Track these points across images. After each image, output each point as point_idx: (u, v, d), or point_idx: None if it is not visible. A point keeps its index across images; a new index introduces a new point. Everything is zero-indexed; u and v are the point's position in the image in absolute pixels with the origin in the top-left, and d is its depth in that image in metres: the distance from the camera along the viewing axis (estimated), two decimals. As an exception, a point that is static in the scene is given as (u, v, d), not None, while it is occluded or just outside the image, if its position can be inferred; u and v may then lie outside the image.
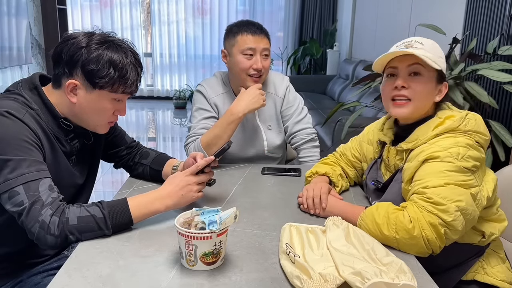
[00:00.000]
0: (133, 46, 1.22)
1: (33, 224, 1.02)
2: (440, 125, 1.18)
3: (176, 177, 1.19)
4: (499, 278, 1.22)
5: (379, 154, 1.38)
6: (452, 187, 1.07)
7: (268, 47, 1.73)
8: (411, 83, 1.20)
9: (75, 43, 1.13)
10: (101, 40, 1.15)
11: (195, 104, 1.83)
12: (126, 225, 1.12)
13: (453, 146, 1.12)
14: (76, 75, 1.14)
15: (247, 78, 1.73)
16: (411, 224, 1.05)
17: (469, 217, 1.09)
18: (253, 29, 1.71)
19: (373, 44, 5.05)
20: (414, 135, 1.22)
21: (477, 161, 1.13)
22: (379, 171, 1.36)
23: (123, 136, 1.51)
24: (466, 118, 1.17)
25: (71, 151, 1.25)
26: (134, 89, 1.20)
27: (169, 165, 1.45)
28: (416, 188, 1.11)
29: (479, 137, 1.16)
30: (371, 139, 1.43)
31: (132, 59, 1.18)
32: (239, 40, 1.70)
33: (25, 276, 1.24)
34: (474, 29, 2.87)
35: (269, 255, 1.04)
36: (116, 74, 1.14)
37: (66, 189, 1.17)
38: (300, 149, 1.88)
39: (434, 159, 1.12)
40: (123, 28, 7.18)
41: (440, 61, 1.19)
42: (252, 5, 7.15)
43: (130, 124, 5.98)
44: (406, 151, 1.23)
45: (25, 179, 1.04)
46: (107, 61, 1.13)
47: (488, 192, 1.17)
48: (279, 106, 1.87)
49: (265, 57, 1.73)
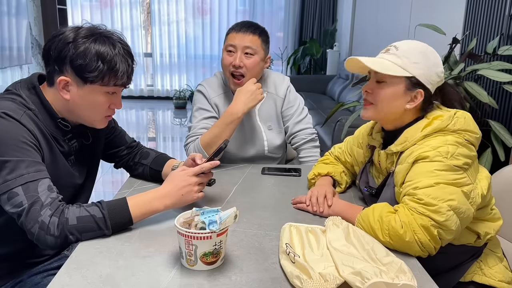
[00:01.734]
0: (122, 37, 1.19)
1: (32, 225, 1.02)
2: (428, 125, 1.17)
3: (178, 177, 1.18)
4: (497, 279, 1.22)
5: (369, 158, 1.38)
6: (442, 186, 1.07)
7: (252, 46, 1.68)
8: (375, 89, 1.22)
9: (62, 39, 1.12)
10: (88, 33, 1.13)
11: (196, 104, 1.83)
12: (125, 225, 1.12)
13: (442, 145, 1.11)
14: (66, 71, 1.13)
15: (229, 78, 1.73)
16: (402, 230, 1.04)
17: (463, 215, 1.08)
18: (240, 26, 1.71)
19: (373, 44, 5.05)
20: (403, 137, 1.20)
21: (468, 159, 1.12)
22: (369, 175, 1.36)
23: (123, 136, 1.51)
24: (455, 117, 1.16)
25: (70, 151, 1.24)
26: (126, 81, 1.18)
27: (169, 166, 1.45)
28: (406, 190, 1.11)
29: (469, 135, 1.15)
30: (361, 142, 1.42)
31: (121, 50, 1.15)
32: (227, 38, 1.73)
33: (25, 276, 1.24)
34: (474, 29, 2.87)
35: (269, 255, 1.04)
36: (105, 66, 1.12)
37: (65, 189, 1.16)
38: (301, 149, 1.88)
39: (424, 159, 1.11)
40: (123, 28, 7.18)
41: (413, 67, 1.16)
42: (252, 5, 7.15)
43: (130, 124, 5.97)
44: (396, 154, 1.22)
45: (24, 180, 1.03)
46: (94, 54, 1.11)
47: (483, 190, 1.16)
48: (280, 106, 1.87)
49: (249, 55, 1.69)
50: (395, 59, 1.18)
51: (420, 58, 1.17)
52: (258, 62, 1.71)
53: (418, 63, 1.16)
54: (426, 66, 1.17)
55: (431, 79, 1.18)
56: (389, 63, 1.18)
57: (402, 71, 1.16)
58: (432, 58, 1.18)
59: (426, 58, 1.17)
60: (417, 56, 1.17)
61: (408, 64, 1.16)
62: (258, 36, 1.71)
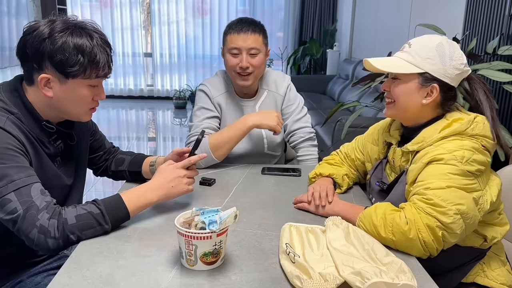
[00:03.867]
0: (96, 26, 1.16)
1: (30, 230, 1.01)
2: (447, 127, 1.17)
3: (167, 170, 1.21)
4: (499, 282, 1.21)
5: (385, 155, 1.38)
6: (454, 190, 1.07)
7: (255, 45, 1.71)
8: (392, 87, 1.24)
9: (37, 35, 1.08)
10: (63, 27, 1.09)
11: (198, 103, 1.84)
12: (123, 219, 1.13)
13: (458, 149, 1.11)
14: (46, 68, 1.10)
15: (235, 76, 1.76)
16: (407, 226, 1.04)
17: (470, 221, 1.08)
18: (240, 27, 1.71)
19: (373, 44, 5.05)
20: (420, 136, 1.20)
21: (481, 165, 1.12)
22: (384, 171, 1.36)
23: (103, 141, 1.50)
24: (474, 121, 1.16)
25: (55, 152, 1.22)
26: (108, 71, 1.16)
27: (147, 164, 1.47)
28: (417, 189, 1.11)
29: (486, 141, 1.15)
30: (376, 139, 1.42)
31: (99, 41, 1.12)
32: (228, 39, 1.74)
33: (25, 276, 1.24)
34: (474, 29, 2.87)
35: (269, 255, 1.04)
36: (86, 59, 1.10)
37: (54, 191, 1.14)
38: (299, 148, 1.89)
39: (438, 161, 1.11)
40: (123, 28, 7.18)
41: (425, 63, 1.17)
42: (252, 5, 7.15)
43: (130, 124, 5.98)
44: (412, 153, 1.22)
45: (15, 186, 1.02)
46: (73, 48, 1.08)
47: (492, 197, 1.16)
48: (280, 104, 1.89)
49: (253, 55, 1.72)
50: (407, 57, 1.19)
51: (433, 53, 1.17)
52: (263, 60, 1.76)
53: (430, 59, 1.17)
54: (440, 60, 1.17)
55: (447, 73, 1.17)
56: (400, 61, 1.20)
57: (413, 68, 1.18)
58: (447, 52, 1.17)
59: (440, 52, 1.17)
60: (430, 51, 1.17)
61: (419, 61, 1.17)
62: (259, 34, 1.73)
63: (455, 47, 1.19)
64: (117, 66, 7.21)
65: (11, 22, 4.19)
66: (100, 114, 6.27)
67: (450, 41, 1.20)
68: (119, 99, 7.31)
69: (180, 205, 1.31)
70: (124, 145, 4.89)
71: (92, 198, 1.13)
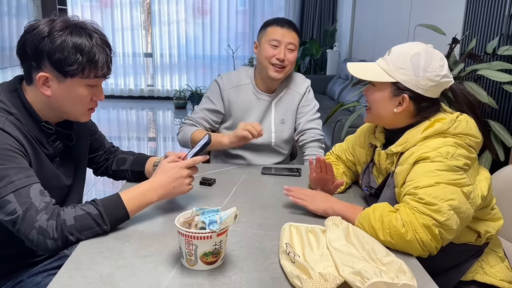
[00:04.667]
0: (97, 26, 1.16)
1: (30, 231, 1.01)
2: (429, 127, 1.18)
3: (170, 169, 1.20)
4: (498, 278, 1.22)
5: (371, 158, 1.38)
6: (443, 186, 1.07)
7: (294, 42, 1.81)
8: (369, 93, 1.27)
9: (36, 34, 1.08)
10: (63, 26, 1.09)
11: (208, 91, 1.95)
12: (122, 219, 1.13)
13: (442, 146, 1.12)
14: (44, 67, 1.09)
15: (269, 66, 1.82)
16: (404, 229, 1.04)
17: (463, 215, 1.08)
18: (282, 22, 1.83)
19: (373, 44, 5.05)
20: (403, 138, 1.21)
21: (467, 160, 1.13)
22: (371, 175, 1.36)
23: (102, 141, 1.50)
24: (457, 120, 1.16)
25: (54, 153, 1.22)
26: (106, 71, 1.16)
27: (150, 163, 1.47)
28: (407, 189, 1.11)
29: (470, 139, 1.15)
30: (363, 142, 1.43)
31: (98, 41, 1.13)
32: (268, 31, 1.83)
33: (25, 276, 1.24)
34: (474, 29, 2.87)
35: (269, 255, 1.04)
36: (84, 58, 1.09)
37: (54, 191, 1.14)
38: (307, 147, 1.93)
39: (425, 160, 1.12)
40: (123, 28, 7.19)
41: (397, 73, 1.18)
42: (252, 5, 7.16)
43: (130, 124, 5.98)
44: (396, 155, 1.22)
45: (15, 187, 1.02)
46: (72, 47, 1.08)
47: (483, 191, 1.16)
48: (297, 102, 1.96)
49: (290, 50, 1.82)
50: (384, 64, 1.22)
51: (407, 63, 1.17)
52: (296, 57, 1.87)
53: (403, 69, 1.17)
54: (413, 71, 1.17)
55: (420, 84, 1.17)
56: (377, 69, 1.22)
57: (387, 76, 1.20)
58: (422, 63, 1.16)
59: (414, 63, 1.16)
60: (404, 61, 1.17)
61: (393, 70, 1.19)
62: (296, 34, 1.84)
63: (434, 58, 1.17)
64: (118, 66, 7.23)
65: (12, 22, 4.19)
66: (100, 114, 6.28)
67: (432, 51, 1.19)
68: (119, 99, 7.32)
69: (180, 205, 1.31)
70: (124, 145, 4.89)
71: (92, 198, 1.13)
